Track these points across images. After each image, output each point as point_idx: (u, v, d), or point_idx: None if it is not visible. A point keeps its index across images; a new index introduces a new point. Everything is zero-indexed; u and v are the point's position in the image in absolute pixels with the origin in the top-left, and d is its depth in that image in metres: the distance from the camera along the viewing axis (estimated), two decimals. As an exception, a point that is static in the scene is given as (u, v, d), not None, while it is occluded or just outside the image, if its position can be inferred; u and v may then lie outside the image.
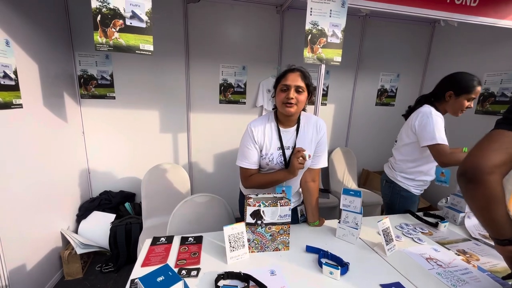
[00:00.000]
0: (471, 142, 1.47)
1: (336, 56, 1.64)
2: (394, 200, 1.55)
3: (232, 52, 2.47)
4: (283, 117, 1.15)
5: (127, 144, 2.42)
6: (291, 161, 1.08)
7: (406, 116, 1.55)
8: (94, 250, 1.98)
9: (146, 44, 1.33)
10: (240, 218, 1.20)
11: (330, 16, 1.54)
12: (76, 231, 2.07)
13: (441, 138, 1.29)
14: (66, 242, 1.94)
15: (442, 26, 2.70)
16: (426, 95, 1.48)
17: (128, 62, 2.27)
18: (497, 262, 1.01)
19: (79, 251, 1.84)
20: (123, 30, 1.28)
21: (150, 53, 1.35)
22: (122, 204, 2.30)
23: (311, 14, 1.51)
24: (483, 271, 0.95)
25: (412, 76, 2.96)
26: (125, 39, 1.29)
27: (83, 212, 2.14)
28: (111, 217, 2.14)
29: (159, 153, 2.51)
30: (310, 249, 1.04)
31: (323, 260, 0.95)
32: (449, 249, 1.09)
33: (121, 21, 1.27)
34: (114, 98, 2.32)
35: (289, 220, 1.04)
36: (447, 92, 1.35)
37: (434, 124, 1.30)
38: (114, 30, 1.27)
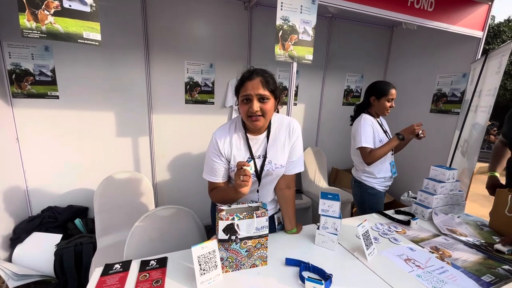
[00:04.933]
0: (427, 137, 1.58)
1: (307, 54, 1.59)
2: (364, 198, 1.70)
3: (198, 48, 2.29)
4: None
5: (75, 151, 2.09)
6: (234, 180, 0.91)
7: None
8: (34, 280, 1.64)
9: (91, 32, 1.11)
10: (212, 227, 1.07)
11: (301, 12, 1.48)
12: (9, 259, 1.71)
13: (364, 141, 1.51)
14: (-6, 274, 1.58)
15: (400, 30, 2.88)
16: (360, 104, 1.72)
17: (74, 55, 1.95)
18: (467, 257, 1.04)
19: (12, 284, 1.50)
20: (60, 14, 1.05)
21: (97, 43, 1.14)
22: (71, 221, 1.97)
23: (281, 9, 1.43)
24: (457, 267, 0.97)
25: (374, 77, 3.06)
26: (63, 25, 1.06)
27: (19, 234, 1.77)
28: (57, 237, 1.81)
29: (116, 160, 2.21)
30: (290, 262, 0.96)
31: (305, 275, 0.87)
32: (423, 247, 1.10)
33: (56, 2, 1.04)
34: (57, 97, 1.97)
35: (267, 232, 0.93)
36: (371, 97, 1.61)
37: (361, 129, 1.53)
38: (48, 13, 1.04)
